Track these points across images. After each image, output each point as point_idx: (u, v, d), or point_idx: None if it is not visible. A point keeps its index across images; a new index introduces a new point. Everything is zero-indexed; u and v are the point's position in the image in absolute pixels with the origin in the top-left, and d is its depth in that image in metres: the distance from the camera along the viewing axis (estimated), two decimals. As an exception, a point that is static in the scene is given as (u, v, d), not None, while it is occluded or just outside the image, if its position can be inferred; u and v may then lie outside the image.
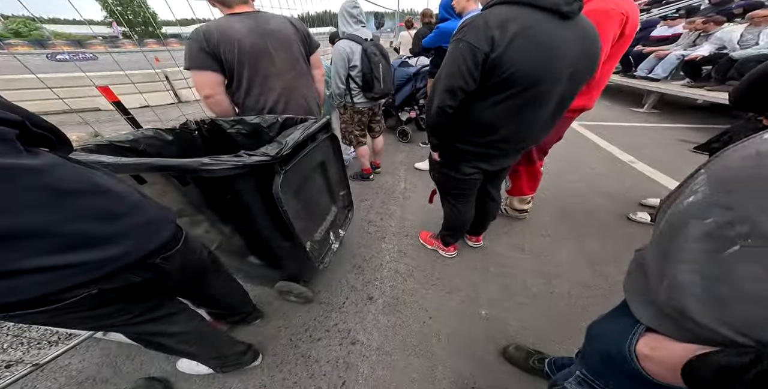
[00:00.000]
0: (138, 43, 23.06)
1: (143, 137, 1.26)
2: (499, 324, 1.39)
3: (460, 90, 0.96)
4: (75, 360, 1.29)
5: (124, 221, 0.65)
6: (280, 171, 1.00)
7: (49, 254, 0.56)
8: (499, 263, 1.73)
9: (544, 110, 1.03)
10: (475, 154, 1.20)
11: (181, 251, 0.80)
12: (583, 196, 2.38)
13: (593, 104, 1.47)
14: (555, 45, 0.87)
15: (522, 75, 0.89)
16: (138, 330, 0.84)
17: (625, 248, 1.83)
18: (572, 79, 0.96)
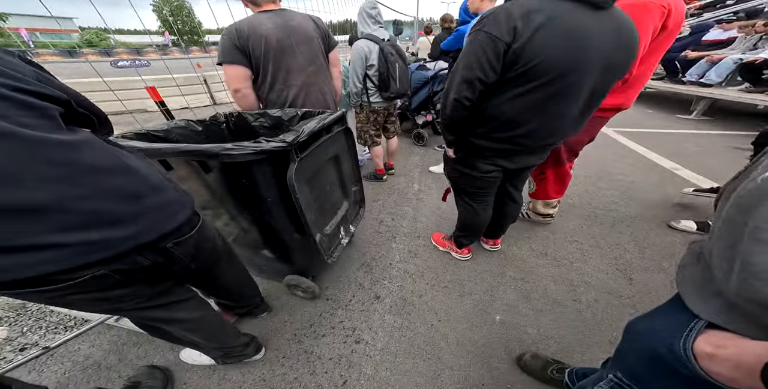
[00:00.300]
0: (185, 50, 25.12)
1: (175, 127, 1.36)
2: (514, 331, 1.28)
3: (478, 81, 0.91)
4: (84, 346, 1.33)
5: (144, 201, 0.65)
6: (296, 158, 1.03)
7: (63, 230, 0.55)
8: (518, 268, 1.62)
9: (572, 104, 0.96)
10: (493, 150, 1.13)
11: (195, 237, 0.79)
12: (616, 203, 2.20)
13: (631, 103, 1.36)
14: (586, 35, 0.81)
15: (548, 66, 0.84)
16: (145, 316, 0.84)
17: (668, 257, 1.65)
18: (605, 73, 0.89)
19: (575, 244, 1.79)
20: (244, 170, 1.00)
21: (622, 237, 1.83)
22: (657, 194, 2.30)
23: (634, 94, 1.34)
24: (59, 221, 0.54)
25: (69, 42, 64.31)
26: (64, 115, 0.57)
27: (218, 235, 0.97)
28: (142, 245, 0.66)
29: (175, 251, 0.75)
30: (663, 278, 1.51)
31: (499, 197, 1.46)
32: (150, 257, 0.70)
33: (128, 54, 36.85)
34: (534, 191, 1.85)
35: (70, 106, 0.59)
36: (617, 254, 1.69)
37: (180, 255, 0.77)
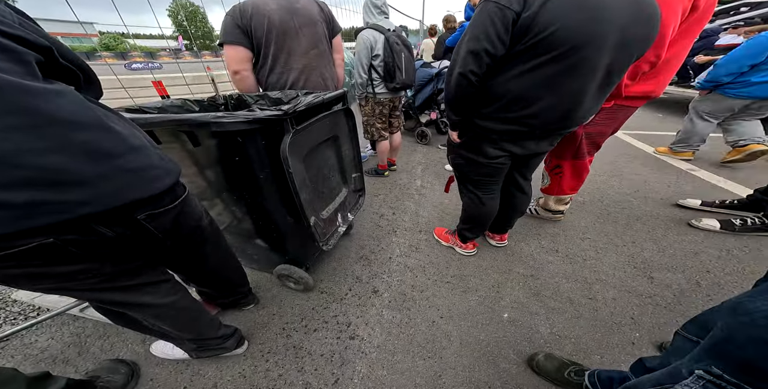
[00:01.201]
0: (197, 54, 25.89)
1: (171, 105, 1.30)
2: (524, 330, 1.17)
3: (485, 53, 0.85)
4: (43, 338, 1.22)
5: (115, 161, 0.57)
6: (290, 130, 0.96)
7: (10, 187, 0.47)
8: (526, 265, 1.52)
9: (587, 82, 0.88)
10: (500, 132, 1.05)
11: (175, 211, 0.70)
12: (629, 202, 2.10)
13: (662, 91, 1.26)
14: (601, 6, 0.76)
15: (560, 38, 0.78)
16: (103, 298, 0.72)
17: (691, 255, 1.55)
18: (622, 48, 0.82)
19: (588, 241, 1.69)
20: (236, 143, 0.93)
21: (638, 235, 1.72)
22: (673, 192, 2.20)
23: (665, 81, 1.24)
24: (7, 176, 0.47)
25: (89, 45, 66.97)
26: (44, 64, 0.51)
27: (206, 215, 0.89)
28: (101, 212, 0.56)
29: (148, 224, 0.65)
30: (686, 277, 1.41)
31: (506, 187, 1.38)
32: (115, 229, 0.61)
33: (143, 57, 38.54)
34: (547, 186, 1.75)
35: (51, 54, 0.53)
36: (634, 252, 1.58)
37: (154, 230, 0.67)
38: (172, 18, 48.31)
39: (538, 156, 1.24)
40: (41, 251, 0.53)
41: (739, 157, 2.49)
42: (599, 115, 1.35)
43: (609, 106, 1.31)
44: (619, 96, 1.24)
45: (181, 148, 0.98)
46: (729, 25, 5.08)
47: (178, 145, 0.98)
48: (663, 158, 2.90)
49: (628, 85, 1.20)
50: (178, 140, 0.97)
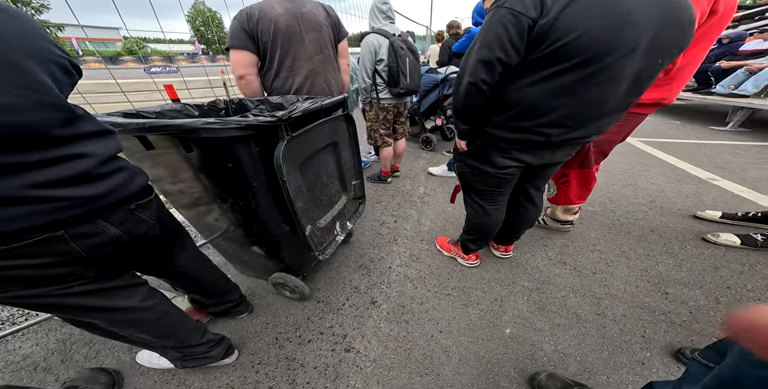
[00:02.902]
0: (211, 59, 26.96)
1: (170, 109, 1.33)
2: (527, 347, 1.15)
3: (498, 62, 0.82)
4: (27, 344, 1.23)
5: (116, 162, 0.68)
6: (285, 137, 0.97)
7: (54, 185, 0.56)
8: (532, 277, 1.49)
9: (610, 90, 0.84)
10: (511, 141, 1.01)
11: (155, 202, 0.82)
12: (644, 212, 2.05)
13: (674, 98, 1.23)
14: (628, 9, 0.71)
15: (581, 45, 0.74)
16: (78, 303, 0.72)
17: (711, 270, 1.50)
18: (651, 54, 0.78)
19: (598, 253, 1.65)
20: (228, 150, 0.94)
21: (653, 248, 1.68)
22: (692, 203, 2.14)
23: (678, 88, 1.21)
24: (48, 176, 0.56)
25: (113, 50, 70.74)
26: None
27: (168, 211, 0.94)
28: (107, 205, 0.65)
29: (139, 213, 0.74)
30: (704, 294, 1.36)
31: (515, 197, 1.35)
32: (116, 222, 0.69)
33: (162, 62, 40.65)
34: (554, 195, 1.73)
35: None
36: (648, 266, 1.54)
37: (147, 218, 0.77)
38: (190, 23, 50.85)
39: (553, 166, 1.20)
40: (45, 246, 0.59)
41: None
42: None
43: None
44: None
45: (176, 153, 0.99)
46: (755, 30, 5.00)
47: (174, 150, 0.99)
48: (682, 167, 2.83)
49: None
50: (173, 146, 0.99)
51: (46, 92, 0.54)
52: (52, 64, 0.57)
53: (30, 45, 0.54)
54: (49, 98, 0.55)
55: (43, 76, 0.55)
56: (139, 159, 1.05)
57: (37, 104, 0.53)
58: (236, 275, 1.58)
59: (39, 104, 0.53)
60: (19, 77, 0.51)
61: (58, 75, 0.58)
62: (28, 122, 0.52)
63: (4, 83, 0.49)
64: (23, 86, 0.51)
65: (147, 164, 1.07)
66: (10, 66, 0.50)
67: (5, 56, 0.50)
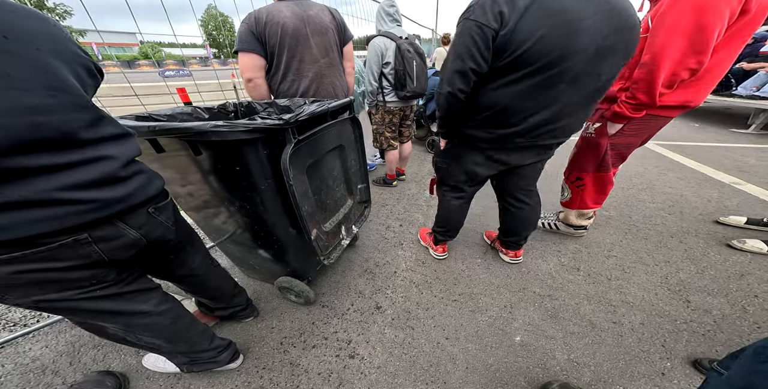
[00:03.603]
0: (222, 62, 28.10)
1: (181, 112, 1.36)
2: (538, 355, 1.11)
3: (471, 72, 0.91)
4: (37, 346, 1.25)
5: (136, 165, 0.69)
6: (292, 140, 0.98)
7: (80, 188, 0.57)
8: (544, 284, 1.46)
9: (571, 93, 0.93)
10: (483, 140, 1.11)
11: (170, 205, 0.82)
12: (663, 217, 1.99)
13: (702, 99, 1.20)
14: (576, 18, 0.80)
15: (536, 53, 0.83)
16: (99, 307, 0.73)
17: (736, 278, 1.43)
18: (602, 57, 0.86)
19: (614, 259, 1.60)
20: (236, 153, 0.96)
21: (673, 254, 1.62)
22: (714, 208, 2.06)
23: (706, 90, 1.17)
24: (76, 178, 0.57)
25: (131, 54, 74.75)
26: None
27: (179, 212, 0.95)
28: (126, 208, 0.66)
29: (156, 216, 0.75)
30: (730, 302, 1.30)
31: (504, 199, 1.41)
32: (135, 224, 0.70)
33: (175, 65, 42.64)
34: (568, 199, 1.70)
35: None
36: (668, 273, 1.48)
37: (164, 221, 0.78)
38: (203, 27, 53.26)
39: (531, 167, 1.25)
40: (69, 249, 0.60)
41: None
42: (628, 125, 1.31)
43: (640, 116, 1.23)
44: (652, 105, 1.17)
45: (186, 156, 1.02)
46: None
47: (184, 153, 1.02)
48: (702, 171, 2.74)
49: (663, 93, 1.13)
50: (182, 149, 1.01)
51: (76, 93, 0.56)
52: (79, 65, 0.60)
53: (58, 47, 0.56)
54: (78, 99, 0.57)
55: (71, 77, 0.57)
56: (150, 162, 1.08)
57: (69, 104, 0.55)
58: (243, 278, 1.59)
59: (71, 105, 0.55)
60: (51, 79, 0.53)
61: (83, 76, 0.60)
62: (61, 122, 0.54)
63: (36, 85, 0.51)
64: (55, 88, 0.53)
65: (157, 167, 1.10)
66: (41, 68, 0.52)
67: (37, 59, 0.52)
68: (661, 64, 1.05)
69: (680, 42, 1.01)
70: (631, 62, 1.17)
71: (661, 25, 1.04)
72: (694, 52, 1.01)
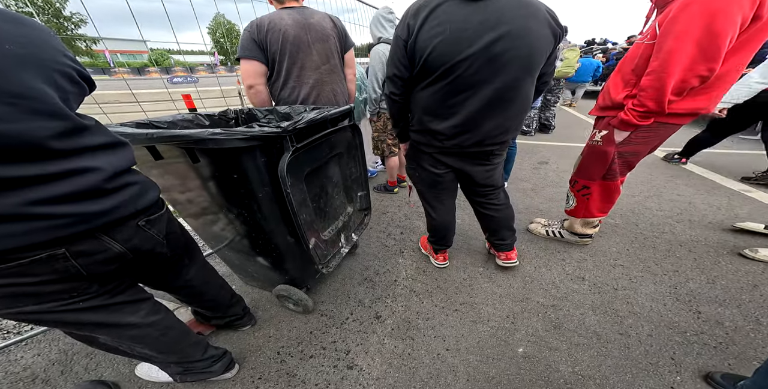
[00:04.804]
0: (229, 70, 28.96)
1: (182, 119, 1.39)
2: (541, 367, 1.08)
3: (396, 77, 1.04)
4: (29, 354, 1.25)
5: (127, 177, 0.68)
6: (290, 148, 0.99)
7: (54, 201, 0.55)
8: (547, 293, 1.43)
9: (474, 99, 1.00)
10: (425, 145, 1.20)
11: (165, 217, 0.81)
12: (671, 225, 1.96)
13: (713, 107, 1.18)
14: (461, 26, 0.88)
15: (434, 60, 0.93)
16: (82, 319, 0.72)
17: (749, 288, 1.40)
18: (496, 65, 0.92)
19: (620, 268, 1.57)
20: (234, 160, 0.97)
21: (682, 263, 1.59)
22: (725, 216, 2.03)
23: (717, 97, 1.16)
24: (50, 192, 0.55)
25: (141, 61, 77.72)
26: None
27: (179, 224, 0.95)
28: (117, 220, 0.65)
29: (147, 229, 0.74)
30: (743, 313, 1.27)
31: (472, 200, 1.47)
32: (121, 236, 0.68)
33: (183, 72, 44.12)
34: (573, 207, 1.68)
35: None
36: (677, 282, 1.45)
37: (155, 234, 0.76)
38: (211, 35, 55.38)
39: (478, 172, 1.27)
40: (44, 264, 0.58)
41: None
42: (636, 133, 1.29)
43: (648, 123, 1.22)
44: (660, 113, 1.16)
45: (184, 163, 1.03)
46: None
47: (182, 160, 1.03)
48: (711, 178, 2.71)
49: (672, 100, 1.12)
50: (181, 156, 1.02)
51: (43, 101, 0.53)
52: (56, 73, 0.56)
53: (32, 53, 0.53)
54: (46, 106, 0.53)
55: (42, 84, 0.53)
56: (148, 168, 1.10)
57: (30, 112, 0.51)
58: (241, 285, 1.60)
59: (32, 113, 0.52)
60: (9, 85, 0.50)
61: (63, 84, 0.58)
62: (20, 131, 0.50)
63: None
64: (14, 94, 0.50)
65: (155, 173, 1.11)
66: (1, 74, 0.49)
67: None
68: (671, 71, 1.04)
69: (690, 48, 0.99)
70: (638, 69, 1.19)
71: (670, 30, 1.03)
72: (705, 59, 1.00)
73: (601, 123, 1.41)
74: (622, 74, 1.28)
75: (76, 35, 44.29)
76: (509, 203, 1.44)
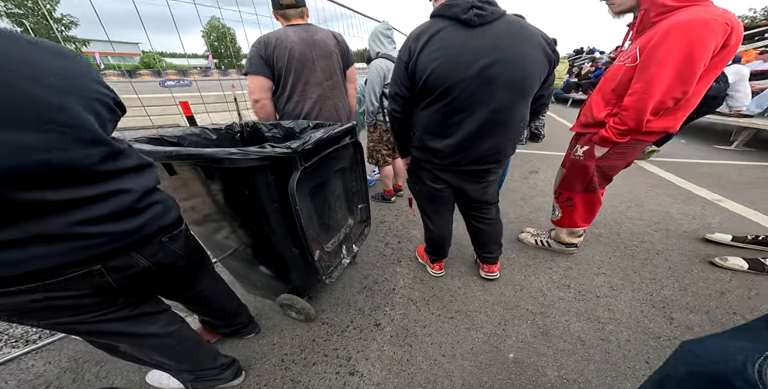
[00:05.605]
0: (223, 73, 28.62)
1: (190, 134, 1.43)
2: (530, 372, 1.18)
3: (397, 96, 1.13)
4: (40, 362, 1.28)
5: (153, 196, 0.74)
6: (299, 167, 1.06)
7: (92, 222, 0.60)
8: (536, 301, 1.53)
9: (471, 119, 1.07)
10: (426, 161, 1.28)
11: (184, 233, 0.87)
12: (649, 234, 2.09)
13: (679, 125, 1.29)
14: (458, 51, 0.95)
15: (433, 82, 1.00)
16: (110, 329, 0.77)
17: (716, 295, 1.52)
18: (490, 88, 0.99)
19: (603, 277, 1.69)
20: (247, 178, 1.03)
21: (658, 271, 1.71)
22: (698, 226, 2.18)
23: (683, 116, 1.27)
24: (92, 213, 0.61)
25: (132, 64, 76.00)
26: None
27: (195, 239, 1.00)
28: (145, 237, 0.71)
29: (169, 245, 0.80)
30: (711, 319, 1.39)
31: (465, 214, 1.55)
32: (147, 252, 0.74)
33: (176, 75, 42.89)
34: (559, 218, 1.79)
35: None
36: (653, 290, 1.57)
37: (176, 249, 0.82)
38: (205, 38, 54.81)
39: (473, 189, 1.35)
40: (81, 280, 0.64)
41: None
42: (614, 149, 1.39)
43: (625, 141, 1.33)
44: (637, 131, 1.27)
45: (195, 177, 1.08)
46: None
47: (193, 174, 1.08)
48: (687, 188, 2.89)
49: (650, 120, 1.23)
50: (192, 170, 1.07)
51: (87, 129, 0.58)
52: (96, 102, 0.61)
53: (72, 84, 0.58)
54: (90, 134, 0.59)
55: (86, 113, 0.58)
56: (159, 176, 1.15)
57: (77, 140, 0.56)
58: (243, 294, 1.64)
59: (79, 140, 0.57)
60: (59, 115, 0.54)
61: (102, 112, 0.62)
62: (71, 158, 0.56)
63: (44, 121, 0.52)
64: (63, 124, 0.55)
65: (167, 185, 1.16)
66: (48, 105, 0.53)
67: (43, 97, 0.52)
68: (652, 93, 1.14)
69: (670, 73, 1.09)
70: (618, 89, 1.28)
71: (653, 56, 1.12)
72: (681, 83, 1.10)
73: (583, 139, 1.52)
74: (603, 94, 1.38)
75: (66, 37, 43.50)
76: (499, 218, 1.54)
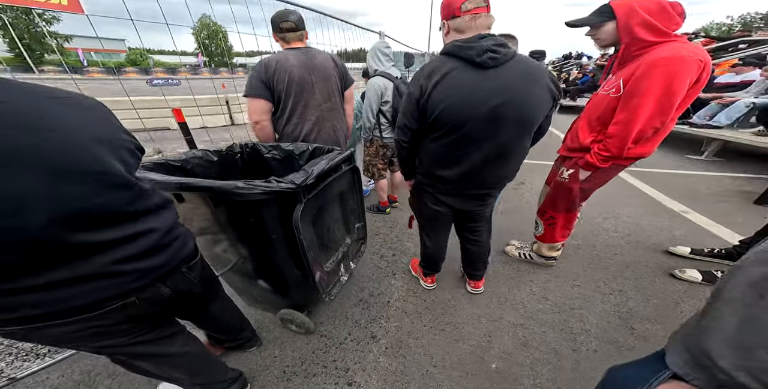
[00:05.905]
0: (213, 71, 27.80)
1: (193, 156, 1.49)
2: (509, 381, 1.32)
3: (406, 128, 1.19)
4: (54, 375, 1.35)
5: (174, 232, 0.83)
6: (302, 200, 1.14)
7: (126, 261, 0.69)
8: (517, 313, 1.69)
9: (477, 153, 1.15)
10: (429, 186, 1.37)
11: (200, 262, 0.96)
12: (621, 246, 2.28)
13: (652, 151, 1.42)
14: (471, 91, 1.02)
15: (444, 118, 1.07)
16: (134, 351, 0.86)
17: (672, 306, 1.71)
18: (498, 125, 1.07)
19: (577, 289, 1.86)
20: (252, 208, 1.10)
21: (626, 283, 1.89)
22: (665, 238, 2.38)
23: (656, 143, 1.41)
24: (125, 252, 0.69)
25: (117, 61, 72.23)
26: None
27: (208, 266, 1.09)
28: (169, 271, 0.80)
29: (188, 274, 0.89)
30: (665, 329, 1.56)
31: (460, 235, 1.66)
32: (170, 283, 0.83)
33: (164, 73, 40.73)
34: (541, 234, 1.94)
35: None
36: (620, 302, 1.75)
37: (193, 278, 0.91)
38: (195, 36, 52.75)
39: (475, 213, 1.47)
40: (118, 311, 0.73)
41: None
42: (596, 173, 1.54)
43: (607, 166, 1.47)
44: (619, 157, 1.39)
45: (203, 204, 1.16)
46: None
47: (200, 201, 1.15)
48: (659, 199, 3.11)
49: (631, 148, 1.35)
50: (200, 198, 1.15)
51: (117, 175, 0.65)
52: (123, 149, 0.69)
53: (104, 135, 0.65)
54: (120, 179, 0.66)
55: (113, 160, 0.65)
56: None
57: (110, 186, 0.64)
58: (244, 306, 1.72)
59: (111, 186, 0.64)
60: (95, 165, 0.61)
61: (126, 158, 0.69)
62: (105, 203, 0.64)
63: (83, 173, 0.59)
64: (99, 172, 0.62)
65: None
66: (92, 157, 0.60)
67: (84, 149, 0.59)
68: (636, 122, 1.25)
69: (652, 104, 1.21)
70: (603, 117, 1.41)
71: (636, 88, 1.23)
72: (661, 113, 1.23)
73: (568, 162, 1.66)
74: (589, 121, 1.52)
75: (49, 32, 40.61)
76: (489, 241, 1.66)
